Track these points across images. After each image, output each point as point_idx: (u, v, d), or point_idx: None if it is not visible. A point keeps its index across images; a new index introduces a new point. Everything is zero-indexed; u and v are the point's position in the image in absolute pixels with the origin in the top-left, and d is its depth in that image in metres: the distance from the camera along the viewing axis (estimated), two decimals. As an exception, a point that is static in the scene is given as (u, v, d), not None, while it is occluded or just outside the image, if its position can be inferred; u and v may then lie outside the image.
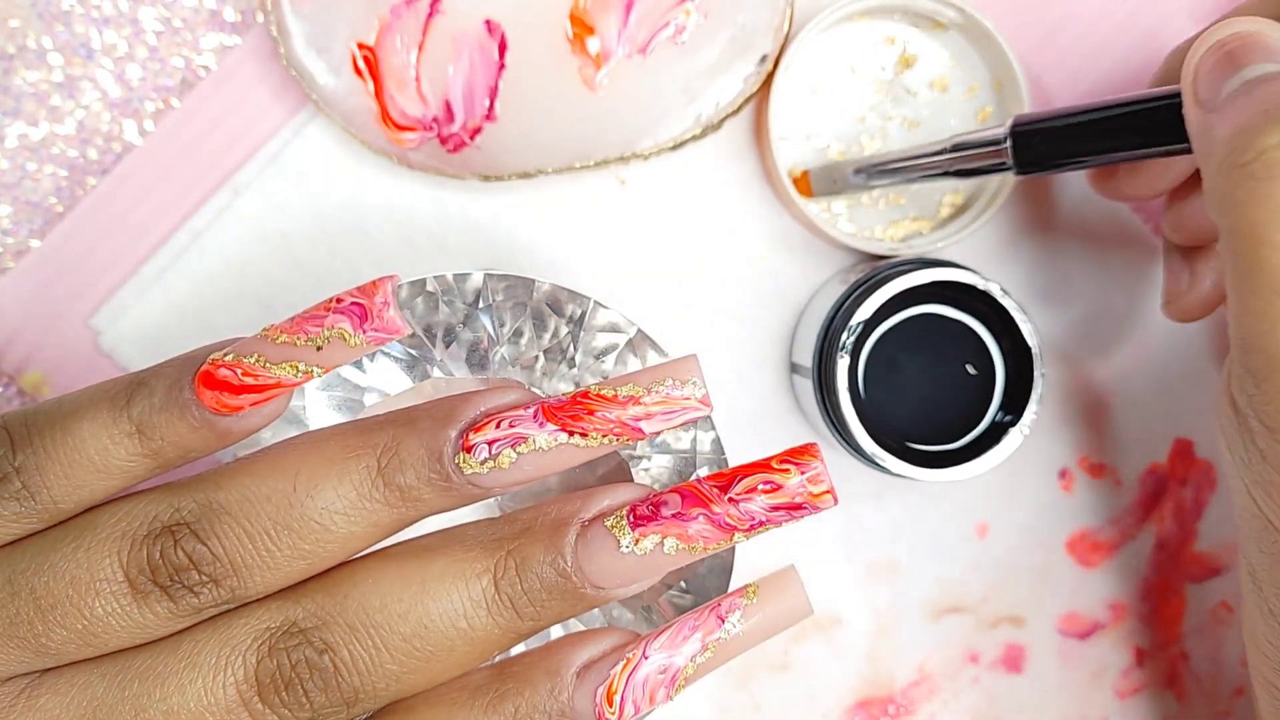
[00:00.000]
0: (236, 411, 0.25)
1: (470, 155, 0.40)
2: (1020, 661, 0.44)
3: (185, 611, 0.25)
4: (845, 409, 0.38)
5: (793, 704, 0.43)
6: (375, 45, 0.39)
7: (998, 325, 0.39)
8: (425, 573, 0.25)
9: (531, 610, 0.25)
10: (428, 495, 0.25)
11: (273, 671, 0.24)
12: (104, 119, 0.41)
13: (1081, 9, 0.43)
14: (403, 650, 0.25)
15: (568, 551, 0.25)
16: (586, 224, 0.42)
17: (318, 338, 0.25)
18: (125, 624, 0.24)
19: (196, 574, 0.24)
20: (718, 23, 0.40)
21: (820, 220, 0.40)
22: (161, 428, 0.25)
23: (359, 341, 0.25)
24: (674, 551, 0.25)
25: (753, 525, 0.25)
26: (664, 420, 0.25)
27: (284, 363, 0.25)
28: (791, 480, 0.25)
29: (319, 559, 0.25)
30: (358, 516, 0.25)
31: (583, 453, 0.25)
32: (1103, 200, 0.43)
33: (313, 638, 0.24)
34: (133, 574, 0.24)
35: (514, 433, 0.25)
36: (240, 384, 0.25)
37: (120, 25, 0.41)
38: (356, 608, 0.25)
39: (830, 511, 0.43)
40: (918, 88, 0.42)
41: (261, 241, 0.41)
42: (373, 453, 0.25)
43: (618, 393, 0.25)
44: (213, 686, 0.24)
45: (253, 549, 0.24)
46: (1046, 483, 0.44)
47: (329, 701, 0.24)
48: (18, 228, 0.41)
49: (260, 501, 0.25)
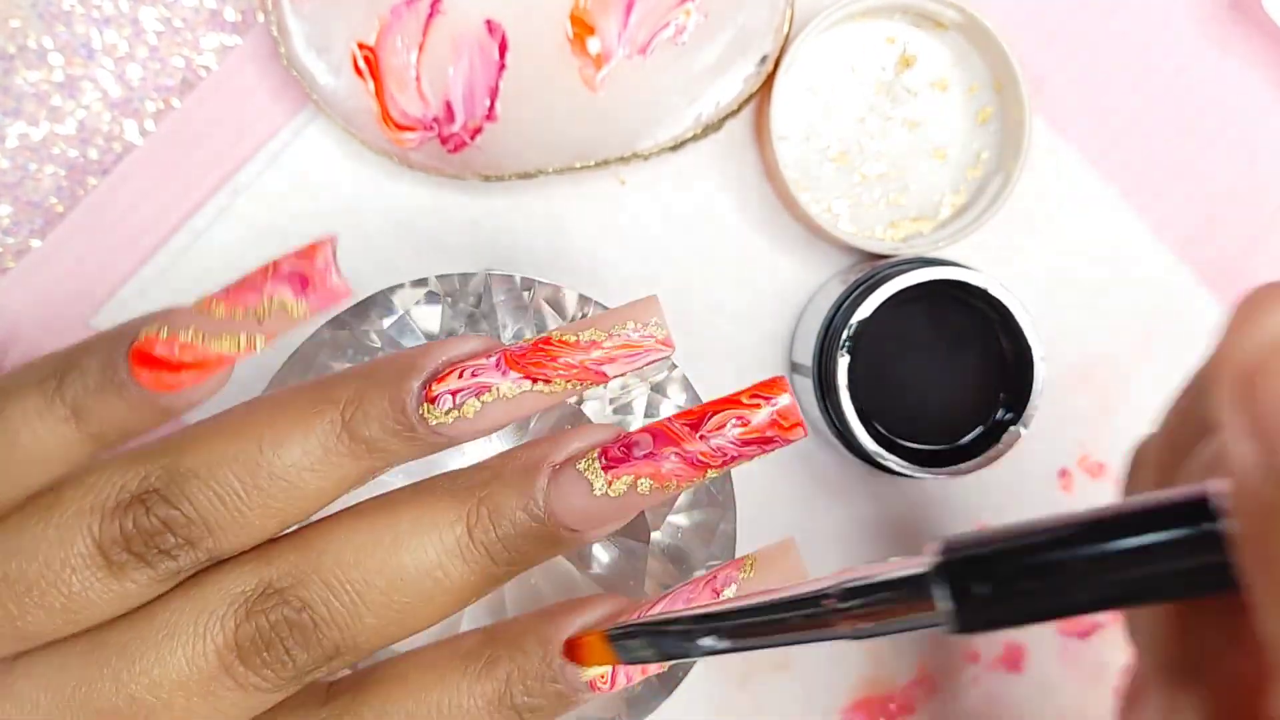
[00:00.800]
0: (177, 390, 0.24)
1: (470, 155, 0.40)
2: (1020, 661, 0.44)
3: (163, 576, 0.24)
4: (845, 409, 0.38)
5: (793, 703, 0.43)
6: (376, 45, 0.39)
7: (998, 324, 0.39)
8: (397, 526, 0.25)
9: (506, 555, 0.25)
10: (394, 446, 0.25)
11: (252, 633, 0.24)
12: (104, 119, 0.41)
13: (1082, 9, 0.43)
14: (380, 604, 0.25)
15: (540, 496, 0.25)
16: (586, 224, 0.42)
17: (258, 309, 0.24)
18: (104, 596, 0.24)
19: (171, 537, 0.24)
20: (718, 23, 0.40)
21: (820, 220, 0.40)
22: (99, 410, 0.24)
23: (302, 311, 0.24)
24: (647, 491, 0.25)
25: (724, 460, 0.25)
26: (626, 363, 0.25)
27: (224, 336, 0.24)
28: (761, 414, 0.25)
29: (290, 515, 0.25)
30: (325, 471, 0.25)
31: (546, 399, 0.25)
32: (1102, 200, 0.44)
33: (289, 597, 0.24)
34: (106, 546, 0.24)
35: (477, 382, 0.25)
36: (179, 362, 0.24)
37: (121, 25, 0.41)
38: (331, 564, 0.25)
39: (830, 511, 0.43)
40: (918, 88, 0.42)
41: (262, 242, 0.41)
42: (335, 408, 0.25)
43: (579, 338, 0.25)
44: (193, 655, 0.24)
45: (224, 510, 0.24)
46: (1046, 483, 0.44)
47: (311, 659, 0.24)
48: (18, 228, 0.41)
49: (227, 463, 0.24)
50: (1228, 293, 0.44)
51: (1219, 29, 0.43)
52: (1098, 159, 0.43)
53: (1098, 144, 0.43)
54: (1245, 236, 0.44)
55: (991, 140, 0.42)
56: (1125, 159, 0.44)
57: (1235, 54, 0.43)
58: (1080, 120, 0.43)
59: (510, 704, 0.25)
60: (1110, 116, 0.43)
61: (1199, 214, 0.44)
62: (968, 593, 0.19)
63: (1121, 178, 0.44)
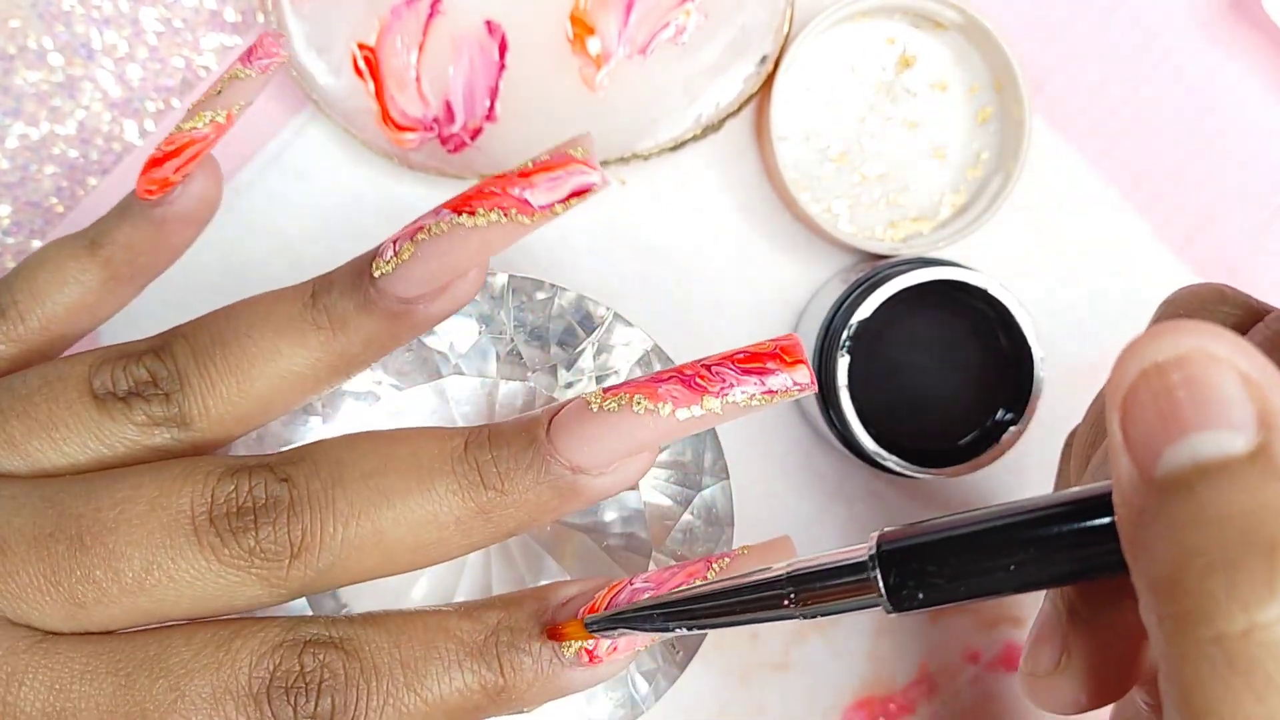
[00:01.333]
0: (169, 187, 0.28)
1: (471, 156, 0.40)
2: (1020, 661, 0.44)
3: (139, 421, 0.26)
4: (845, 408, 0.38)
5: (793, 703, 0.43)
6: (376, 46, 0.39)
7: (998, 324, 0.39)
8: (396, 431, 0.26)
9: (496, 477, 0.25)
10: (355, 318, 0.26)
11: (229, 492, 0.25)
12: (104, 119, 0.41)
13: (1082, 10, 0.43)
14: (358, 486, 0.25)
15: (543, 420, 0.26)
16: (586, 224, 0.42)
17: (215, 89, 0.27)
18: (85, 423, 0.26)
19: (153, 386, 0.26)
20: (718, 23, 0.40)
21: (820, 220, 0.40)
22: (110, 233, 0.28)
23: (249, 73, 0.27)
24: (641, 411, 0.25)
25: (723, 387, 0.25)
26: (549, 188, 0.25)
27: (195, 117, 0.27)
28: (764, 345, 0.25)
29: (254, 376, 0.26)
30: (294, 337, 0.26)
31: (476, 234, 0.25)
32: (1102, 200, 0.44)
33: (277, 469, 0.25)
34: (96, 385, 0.26)
35: (411, 226, 0.26)
36: (163, 154, 0.27)
37: (121, 25, 0.41)
38: (324, 449, 0.26)
39: (830, 511, 0.43)
40: (918, 88, 0.42)
41: (262, 242, 0.41)
42: (309, 285, 0.27)
43: (506, 173, 0.26)
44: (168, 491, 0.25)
45: (201, 374, 0.26)
46: (1047, 483, 0.44)
47: (275, 538, 0.24)
48: (18, 228, 0.41)
49: (211, 327, 0.27)
50: (1228, 293, 0.44)
51: (1219, 29, 0.43)
52: (1098, 159, 0.43)
53: (1098, 144, 0.43)
54: (1245, 236, 0.44)
55: (991, 140, 0.42)
56: (1125, 159, 0.44)
57: (1235, 54, 0.44)
58: (1080, 120, 0.43)
59: (495, 647, 0.25)
60: (1110, 116, 0.43)
61: (1199, 214, 0.44)
62: (899, 577, 0.22)
63: (1121, 178, 0.44)
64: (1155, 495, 0.19)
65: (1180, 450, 0.19)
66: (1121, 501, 0.20)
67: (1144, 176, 0.44)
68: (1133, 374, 0.20)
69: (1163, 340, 0.19)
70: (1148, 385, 0.19)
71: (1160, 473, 0.19)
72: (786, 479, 0.43)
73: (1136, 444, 0.19)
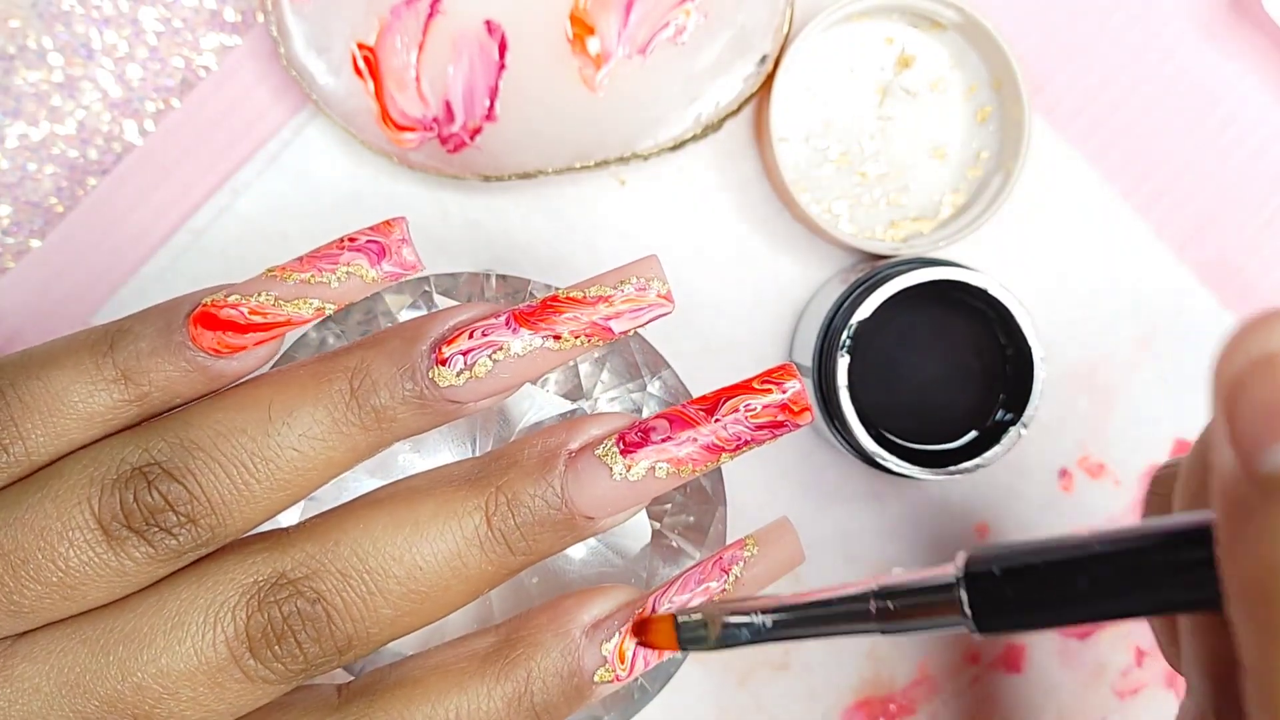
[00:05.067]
0: (238, 352, 0.24)
1: (470, 155, 0.40)
2: (1020, 661, 0.44)
3: (165, 556, 0.24)
4: (845, 409, 0.38)
5: (793, 703, 0.43)
6: (375, 45, 0.39)
7: (998, 324, 0.39)
8: (416, 514, 0.25)
9: (524, 545, 0.25)
10: (403, 415, 0.25)
11: (264, 625, 0.24)
12: (104, 119, 0.41)
13: (1082, 9, 0.43)
14: (397, 594, 0.24)
15: (557, 483, 0.25)
16: (586, 224, 0.42)
17: (333, 275, 0.24)
18: (102, 573, 0.23)
19: (173, 515, 0.23)
20: (718, 23, 0.40)
21: (820, 220, 0.40)
22: (151, 372, 0.24)
23: (375, 277, 0.25)
24: (665, 476, 0.25)
25: (739, 445, 0.25)
26: (632, 318, 0.25)
27: (297, 300, 0.24)
28: (772, 398, 0.26)
29: (297, 488, 0.24)
30: (334, 441, 0.24)
31: (556, 356, 0.25)
32: (1102, 200, 0.44)
33: (303, 587, 0.24)
34: (105, 520, 0.23)
35: (488, 341, 0.25)
36: (248, 323, 0.24)
37: (120, 25, 0.41)
38: (348, 554, 0.24)
39: (830, 511, 0.43)
40: (917, 88, 0.42)
41: (262, 242, 0.41)
42: (344, 376, 0.24)
43: (585, 294, 0.25)
44: (202, 645, 0.24)
45: (229, 483, 0.24)
46: (1046, 483, 0.44)
47: (322, 651, 0.24)
48: (18, 228, 0.41)
49: (234, 434, 0.24)
50: (1228, 293, 0.44)
51: (1219, 29, 0.43)
52: (1098, 159, 0.43)
53: (1098, 144, 0.43)
54: (1245, 236, 0.44)
55: (991, 140, 0.42)
56: (1125, 159, 0.44)
57: (1235, 54, 0.43)
58: (1080, 120, 0.43)
59: (530, 704, 0.25)
60: (1110, 116, 0.43)
61: (1199, 214, 0.44)
62: (988, 600, 0.22)
63: (1121, 178, 0.44)
64: (1258, 492, 0.18)
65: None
66: (1221, 493, 0.19)
67: (1144, 176, 0.44)
68: (1243, 361, 0.18)
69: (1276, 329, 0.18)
70: (1259, 375, 0.18)
71: (1265, 469, 0.18)
72: (786, 479, 0.43)
73: (1243, 435, 0.18)
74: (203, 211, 0.41)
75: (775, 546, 0.27)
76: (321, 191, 0.41)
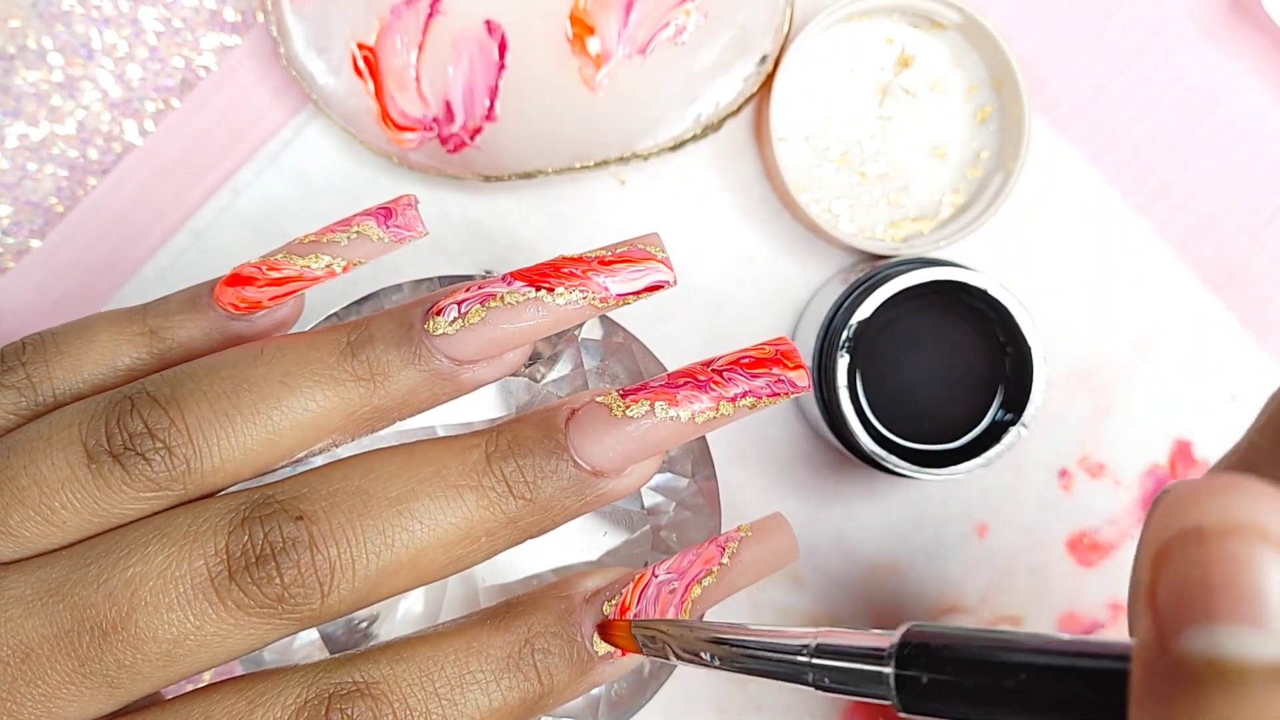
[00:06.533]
0: (255, 309, 0.26)
1: (470, 155, 0.40)
2: None
3: (141, 485, 0.23)
4: (845, 409, 0.38)
5: (793, 703, 0.43)
6: (375, 45, 0.39)
7: (998, 324, 0.39)
8: (415, 448, 0.25)
9: (524, 488, 0.25)
10: (397, 368, 0.25)
11: (244, 542, 0.23)
12: (104, 119, 0.41)
13: (1082, 9, 0.43)
14: (388, 515, 0.24)
15: (561, 423, 0.25)
16: (586, 224, 0.42)
17: (344, 235, 0.26)
18: (80, 498, 0.23)
19: (150, 440, 0.23)
20: (718, 23, 0.40)
21: (820, 220, 0.40)
22: (175, 329, 0.26)
23: (381, 236, 0.26)
24: (664, 417, 0.25)
25: (736, 395, 0.25)
26: (629, 279, 0.25)
27: (309, 256, 0.26)
28: (766, 352, 0.26)
29: (279, 428, 0.24)
30: (323, 384, 0.24)
31: (550, 312, 0.25)
32: (1102, 200, 0.44)
33: (289, 506, 0.23)
34: (90, 444, 0.23)
35: (483, 292, 0.25)
36: (264, 278, 0.26)
37: (120, 25, 0.41)
38: (340, 477, 0.24)
39: (831, 511, 0.43)
40: (917, 88, 0.42)
41: (262, 242, 0.41)
42: (343, 331, 0.25)
43: (583, 255, 0.26)
44: (180, 559, 0.23)
45: (210, 411, 0.24)
46: (1046, 483, 0.44)
47: (301, 578, 0.23)
48: (18, 228, 0.41)
49: (224, 367, 0.24)
50: (1228, 293, 0.44)
51: (1219, 29, 0.43)
52: (1098, 159, 0.43)
53: (1098, 144, 0.43)
54: (1245, 236, 0.44)
55: (991, 140, 0.42)
56: (1125, 159, 0.44)
57: (1235, 54, 0.43)
58: (1080, 120, 0.43)
59: (530, 656, 0.25)
60: (1110, 116, 0.43)
61: (1199, 214, 0.44)
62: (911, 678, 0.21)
63: (1121, 178, 0.44)
64: (1170, 670, 0.17)
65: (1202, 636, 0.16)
66: (1137, 660, 0.18)
67: (1144, 176, 0.44)
68: (1174, 529, 0.17)
69: (1214, 501, 0.17)
70: (1184, 549, 0.17)
71: (1179, 650, 0.17)
72: (786, 479, 0.43)
73: (1163, 608, 0.17)
74: (203, 211, 0.41)
75: (769, 537, 0.27)
76: (321, 192, 0.41)
